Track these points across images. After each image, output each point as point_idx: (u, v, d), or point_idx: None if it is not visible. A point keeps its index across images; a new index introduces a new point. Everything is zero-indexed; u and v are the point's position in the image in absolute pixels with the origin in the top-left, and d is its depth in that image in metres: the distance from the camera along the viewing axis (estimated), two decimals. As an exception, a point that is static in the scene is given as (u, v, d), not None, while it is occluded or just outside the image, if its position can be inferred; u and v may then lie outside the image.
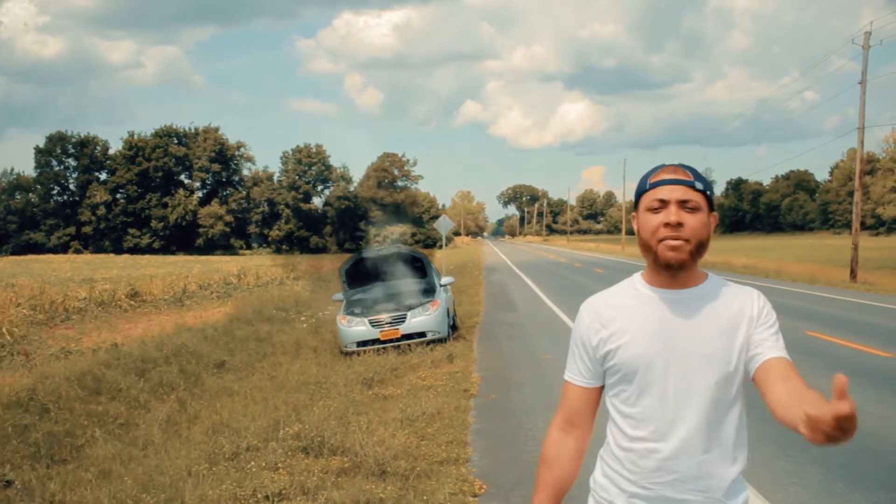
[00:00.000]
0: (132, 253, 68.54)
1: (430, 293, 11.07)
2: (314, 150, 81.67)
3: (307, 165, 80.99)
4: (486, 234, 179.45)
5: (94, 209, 75.42)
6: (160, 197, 76.58)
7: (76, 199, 77.44)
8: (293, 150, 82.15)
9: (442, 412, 6.76)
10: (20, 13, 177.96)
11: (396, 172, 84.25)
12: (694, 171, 1.75)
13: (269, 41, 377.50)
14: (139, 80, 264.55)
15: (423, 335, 10.48)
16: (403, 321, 10.43)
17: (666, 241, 1.69)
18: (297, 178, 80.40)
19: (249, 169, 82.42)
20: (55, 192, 78.17)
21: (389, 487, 4.77)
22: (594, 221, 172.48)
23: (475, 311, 15.68)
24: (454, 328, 11.97)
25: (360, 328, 10.32)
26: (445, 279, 12.16)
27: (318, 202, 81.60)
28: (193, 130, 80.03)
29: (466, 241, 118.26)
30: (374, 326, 10.34)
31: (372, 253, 12.27)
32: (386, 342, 10.28)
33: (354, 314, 10.50)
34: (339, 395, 7.59)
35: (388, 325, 10.38)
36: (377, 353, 9.97)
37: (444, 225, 23.08)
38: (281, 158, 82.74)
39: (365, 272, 11.82)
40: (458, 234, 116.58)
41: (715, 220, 1.77)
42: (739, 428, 1.76)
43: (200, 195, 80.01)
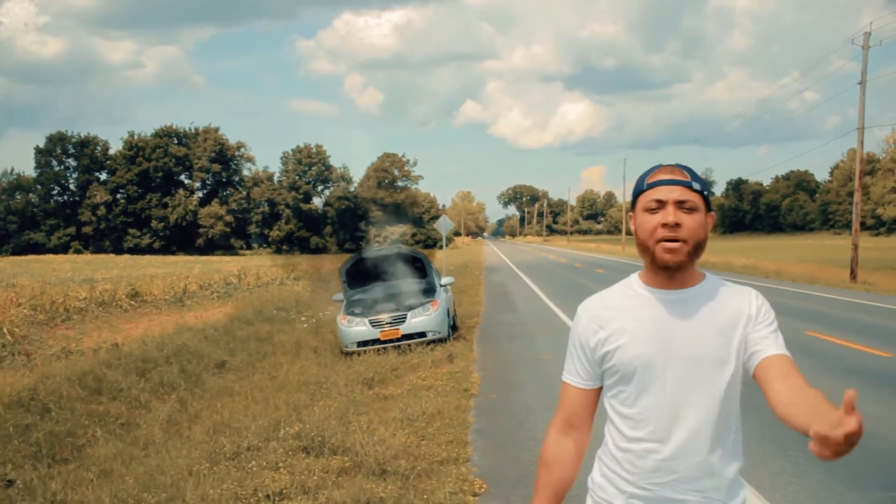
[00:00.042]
0: (132, 253, 68.58)
1: (430, 293, 11.09)
2: (314, 150, 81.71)
3: (307, 166, 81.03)
4: (486, 234, 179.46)
5: (94, 209, 75.47)
6: (160, 197, 76.62)
7: (76, 199, 77.48)
8: (293, 150, 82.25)
9: (442, 412, 6.77)
10: (20, 13, 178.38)
11: (396, 173, 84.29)
12: (691, 171, 1.75)
13: (269, 41, 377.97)
14: (139, 80, 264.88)
15: (423, 335, 10.50)
16: (404, 321, 10.44)
17: (663, 242, 1.69)
18: (297, 178, 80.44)
19: (250, 169, 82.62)
20: (55, 192, 78.23)
21: (390, 487, 4.79)
22: (594, 222, 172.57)
23: (475, 311, 15.70)
24: (454, 328, 11.99)
25: (360, 328, 10.34)
26: (445, 279, 12.18)
27: (318, 202, 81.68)
28: (193, 131, 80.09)
29: (467, 241, 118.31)
30: (374, 326, 10.36)
31: (372, 253, 12.29)
32: (386, 342, 10.30)
33: (355, 314, 10.52)
34: (339, 394, 7.60)
35: (388, 325, 10.39)
36: (377, 353, 9.98)
37: (444, 225, 23.10)
38: (281, 159, 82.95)
39: (365, 272, 11.84)
40: (458, 234, 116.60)
41: (712, 220, 1.76)
42: (737, 428, 1.76)
43: (201, 195, 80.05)
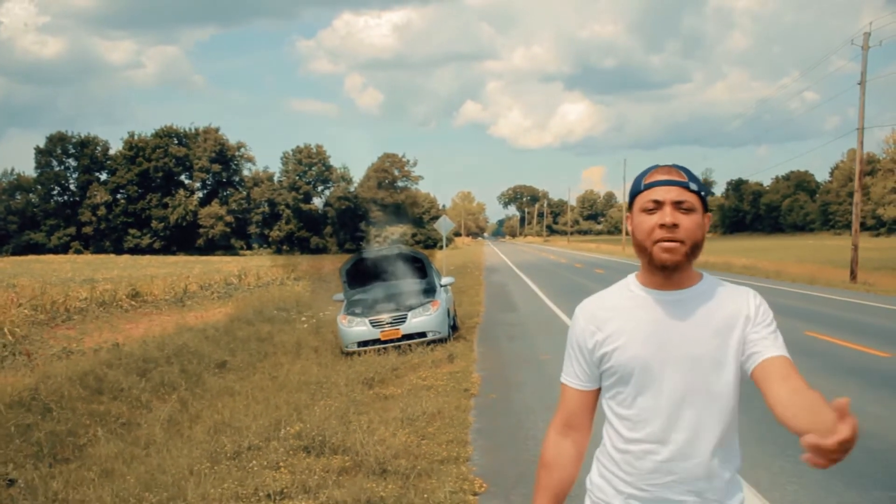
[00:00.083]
0: (133, 253, 68.58)
1: (430, 293, 11.11)
2: (314, 150, 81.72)
3: (307, 166, 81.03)
4: (486, 234, 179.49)
5: (94, 209, 75.48)
6: (160, 197, 76.62)
7: (76, 199, 77.49)
8: (293, 150, 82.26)
9: (442, 411, 6.79)
10: (20, 13, 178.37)
11: (397, 173, 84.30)
12: (688, 171, 1.74)
13: (269, 41, 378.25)
14: (139, 80, 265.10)
15: (423, 335, 10.51)
16: (404, 321, 10.46)
17: (661, 242, 1.69)
18: (297, 178, 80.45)
19: (250, 169, 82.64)
20: (55, 192, 78.24)
21: (390, 486, 4.80)
22: (594, 222, 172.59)
23: (475, 311, 15.71)
24: (454, 328, 12.00)
25: (360, 328, 10.35)
26: (446, 279, 12.20)
27: (318, 203, 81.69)
28: (194, 131, 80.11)
29: (467, 241, 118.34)
30: (374, 326, 10.37)
31: (372, 253, 12.31)
32: (386, 342, 10.31)
33: (355, 314, 10.53)
34: (339, 394, 7.61)
35: (388, 325, 10.41)
36: (378, 353, 10.00)
37: (444, 225, 23.12)
38: (281, 159, 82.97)
39: (365, 272, 11.85)
40: (458, 234, 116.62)
41: (709, 220, 1.76)
42: (735, 428, 1.75)
43: (201, 195, 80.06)
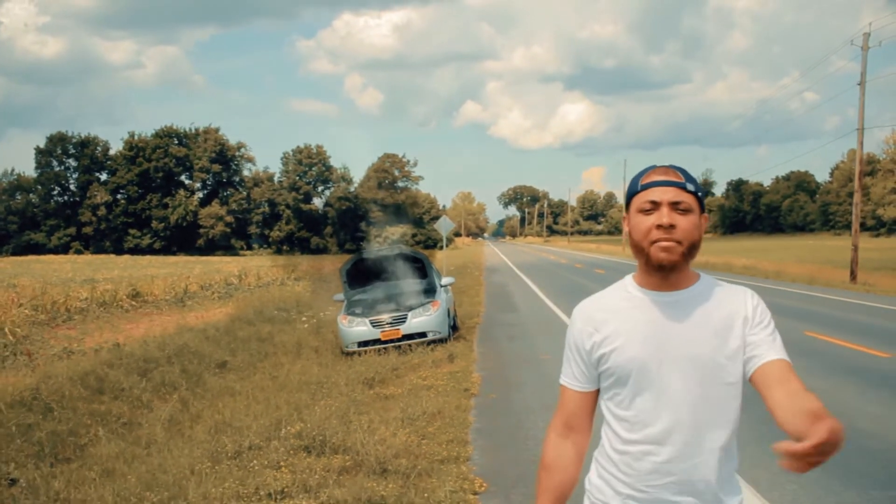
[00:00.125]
0: (133, 253, 68.57)
1: (430, 293, 11.12)
2: (314, 150, 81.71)
3: (308, 166, 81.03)
4: (486, 234, 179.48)
5: (94, 210, 75.49)
6: (161, 197, 76.63)
7: (77, 199, 77.49)
8: (293, 150, 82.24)
9: (442, 411, 6.80)
10: (20, 13, 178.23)
11: (397, 173, 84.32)
12: (685, 172, 1.74)
13: (269, 41, 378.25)
14: (139, 80, 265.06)
15: (423, 335, 10.53)
16: (404, 321, 10.47)
17: (658, 243, 1.68)
18: (297, 178, 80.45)
19: (250, 169, 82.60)
20: (56, 192, 78.24)
21: (391, 485, 4.82)
22: (595, 222, 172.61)
23: (476, 311, 15.73)
24: (455, 328, 12.02)
25: (361, 328, 10.37)
26: (446, 280, 12.22)
27: (318, 203, 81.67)
28: (194, 131, 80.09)
29: (467, 241, 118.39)
30: (375, 327, 10.39)
31: (372, 253, 12.33)
32: (387, 342, 10.33)
33: (355, 314, 10.55)
34: (340, 394, 7.63)
35: (388, 325, 10.42)
36: (378, 353, 10.01)
37: (444, 226, 23.14)
38: (281, 159, 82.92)
39: (366, 273, 11.87)
40: (458, 234, 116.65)
41: (706, 221, 1.76)
42: (735, 429, 1.74)
43: (201, 196, 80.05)
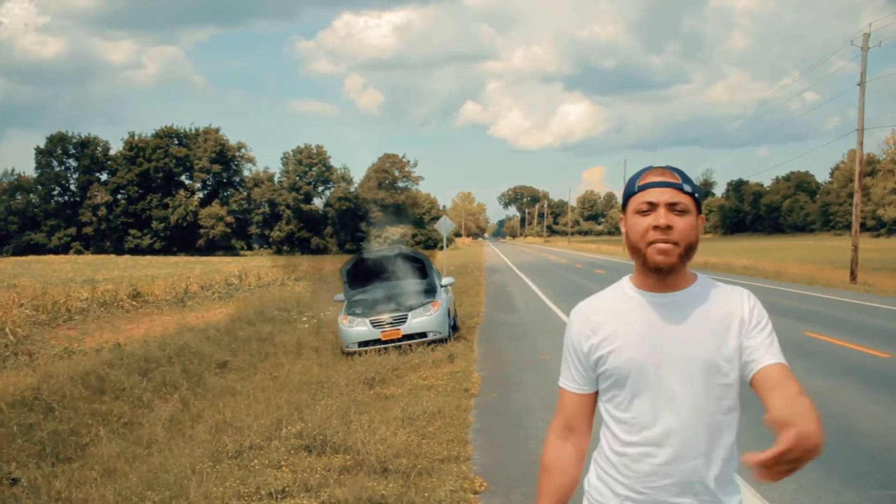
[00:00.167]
0: (133, 254, 68.58)
1: (430, 294, 11.14)
2: (315, 150, 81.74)
3: (308, 166, 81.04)
4: (486, 235, 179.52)
5: (94, 210, 75.49)
6: (161, 198, 76.63)
7: (77, 199, 77.48)
8: (294, 150, 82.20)
9: (443, 411, 6.82)
10: (20, 13, 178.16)
11: (397, 173, 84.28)
12: (682, 173, 1.74)
13: (269, 42, 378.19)
14: (139, 80, 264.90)
15: (424, 335, 10.54)
16: (404, 321, 10.49)
17: (655, 244, 1.68)
18: (297, 178, 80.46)
19: (250, 170, 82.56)
20: (56, 192, 78.22)
21: (391, 485, 4.83)
22: (595, 223, 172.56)
23: (476, 311, 15.74)
24: (455, 328, 12.03)
25: (361, 328, 10.38)
26: (446, 280, 12.23)
27: (318, 203, 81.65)
28: (194, 131, 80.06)
29: (467, 242, 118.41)
30: (375, 327, 10.40)
31: (373, 253, 12.34)
32: (387, 342, 10.34)
33: (356, 314, 10.57)
34: (340, 394, 7.65)
35: (389, 325, 10.44)
36: (378, 353, 10.03)
37: (444, 226, 23.15)
38: (281, 159, 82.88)
39: (366, 273, 11.89)
40: (458, 235, 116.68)
41: (703, 222, 1.76)
42: (733, 430, 1.74)
43: (201, 196, 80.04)
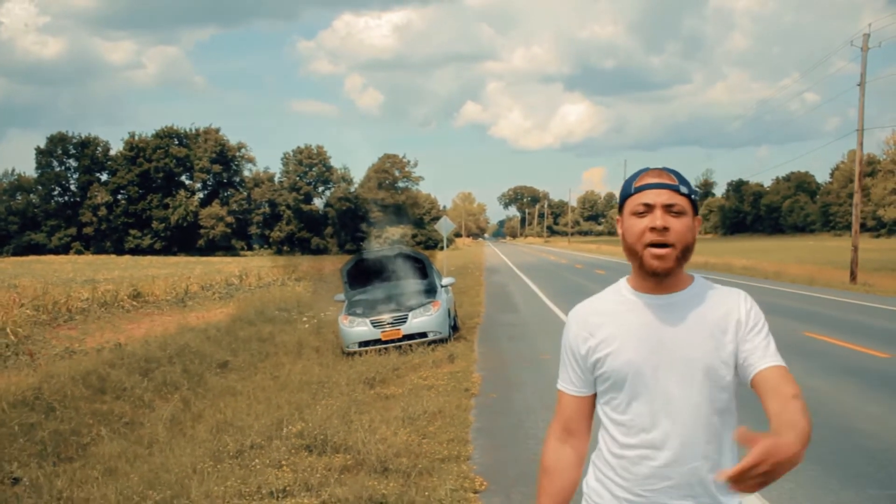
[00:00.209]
0: (133, 254, 68.58)
1: (431, 294, 11.16)
2: (315, 151, 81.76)
3: (308, 166, 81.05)
4: (486, 235, 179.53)
5: (95, 210, 75.49)
6: (161, 198, 76.62)
7: (77, 199, 77.48)
8: (294, 151, 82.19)
9: (443, 411, 6.84)
10: (20, 14, 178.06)
11: (397, 173, 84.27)
12: (678, 174, 1.74)
13: (269, 42, 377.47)
14: (140, 80, 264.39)
15: (424, 335, 10.56)
16: (405, 322, 10.50)
17: (651, 247, 1.68)
18: (297, 179, 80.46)
19: (250, 170, 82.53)
20: (56, 192, 78.23)
21: (392, 484, 4.85)
22: (595, 223, 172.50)
23: (476, 311, 15.76)
24: (455, 329, 12.05)
25: (361, 328, 10.40)
26: (446, 280, 12.26)
27: (318, 203, 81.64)
28: (194, 131, 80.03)
29: (467, 242, 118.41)
30: (375, 327, 10.42)
31: (373, 254, 12.36)
32: (387, 342, 10.36)
33: (356, 315, 10.58)
34: (341, 394, 7.66)
35: (389, 325, 10.45)
36: (379, 353, 10.04)
37: (444, 226, 23.18)
38: (282, 159, 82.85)
39: (366, 273, 11.90)
40: (458, 235, 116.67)
41: (699, 223, 1.76)
42: (733, 431, 1.71)
43: (201, 196, 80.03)
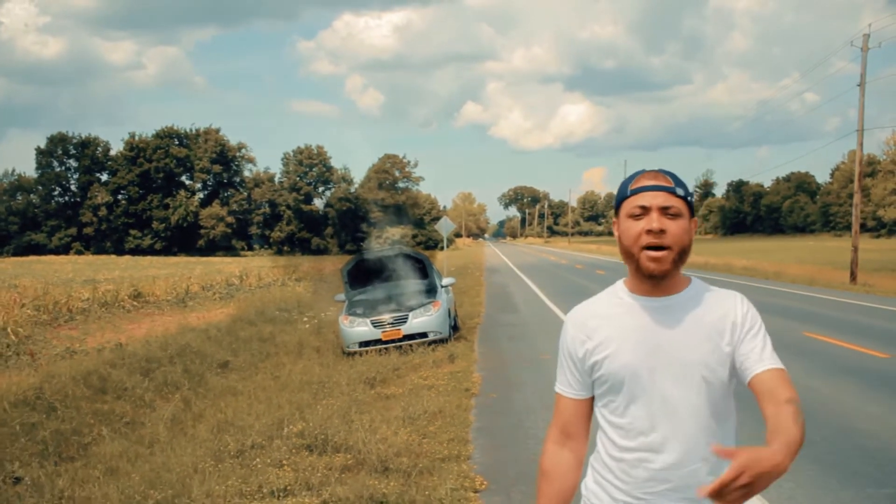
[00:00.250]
0: (134, 254, 68.59)
1: (431, 294, 11.17)
2: (315, 151, 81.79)
3: (308, 167, 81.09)
4: (487, 235, 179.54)
5: (95, 210, 75.51)
6: (161, 198, 76.64)
7: (77, 200, 77.49)
8: (294, 151, 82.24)
9: (443, 411, 6.85)
10: (20, 14, 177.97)
11: (397, 174, 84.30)
12: (674, 176, 1.73)
13: (269, 42, 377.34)
14: (140, 80, 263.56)
15: (424, 335, 10.58)
16: (405, 322, 10.52)
17: (648, 250, 1.68)
18: (298, 179, 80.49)
19: (250, 170, 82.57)
20: (56, 193, 78.25)
21: (392, 483, 4.87)
22: (595, 223, 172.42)
23: (476, 311, 15.77)
24: (455, 329, 12.06)
25: (362, 329, 10.41)
26: (446, 280, 12.27)
27: (319, 203, 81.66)
28: (194, 131, 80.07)
29: (467, 242, 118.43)
30: (376, 327, 10.43)
31: (373, 254, 12.38)
32: (388, 342, 10.37)
33: (357, 315, 10.60)
34: (341, 394, 7.68)
35: (389, 325, 10.47)
36: (379, 353, 10.06)
37: (445, 226, 23.20)
38: (282, 160, 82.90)
39: (367, 273, 11.92)
40: (459, 235, 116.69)
41: (695, 225, 1.75)
42: (731, 432, 1.74)
43: (202, 196, 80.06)
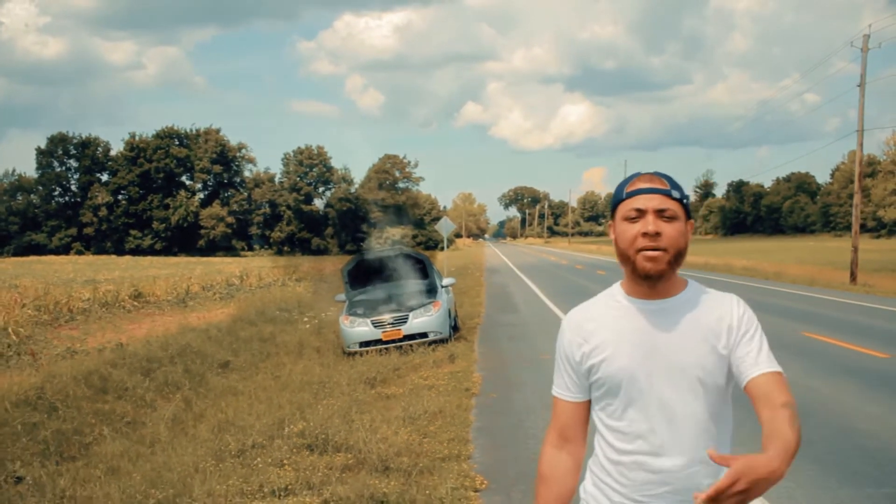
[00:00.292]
0: (134, 254, 68.64)
1: (431, 294, 11.19)
2: (315, 151, 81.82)
3: (308, 167, 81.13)
4: (487, 235, 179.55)
5: (95, 210, 75.55)
6: (162, 198, 76.68)
7: (78, 200, 77.54)
8: (294, 151, 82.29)
9: (444, 410, 6.87)
10: (21, 14, 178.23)
11: (398, 174, 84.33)
12: (670, 179, 1.74)
13: (269, 42, 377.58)
14: (140, 80, 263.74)
15: (424, 336, 10.59)
16: (405, 322, 10.53)
17: (644, 251, 1.68)
18: (298, 179, 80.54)
19: (251, 170, 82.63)
20: (57, 193, 78.29)
21: (392, 483, 4.88)
22: (595, 223, 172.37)
23: (476, 312, 15.79)
24: (455, 329, 12.07)
25: (362, 329, 10.43)
26: (447, 280, 12.28)
27: (319, 204, 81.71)
28: (195, 132, 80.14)
29: (468, 242, 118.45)
30: (376, 327, 10.45)
31: (374, 254, 12.40)
32: (388, 342, 10.39)
33: (357, 315, 10.61)
34: (342, 394, 7.69)
35: (390, 325, 10.48)
36: (379, 353, 10.08)
37: (445, 227, 23.22)
38: (282, 160, 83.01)
39: (367, 273, 11.93)
40: (459, 235, 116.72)
41: (691, 228, 1.75)
42: (729, 434, 1.75)
43: (202, 196, 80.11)
